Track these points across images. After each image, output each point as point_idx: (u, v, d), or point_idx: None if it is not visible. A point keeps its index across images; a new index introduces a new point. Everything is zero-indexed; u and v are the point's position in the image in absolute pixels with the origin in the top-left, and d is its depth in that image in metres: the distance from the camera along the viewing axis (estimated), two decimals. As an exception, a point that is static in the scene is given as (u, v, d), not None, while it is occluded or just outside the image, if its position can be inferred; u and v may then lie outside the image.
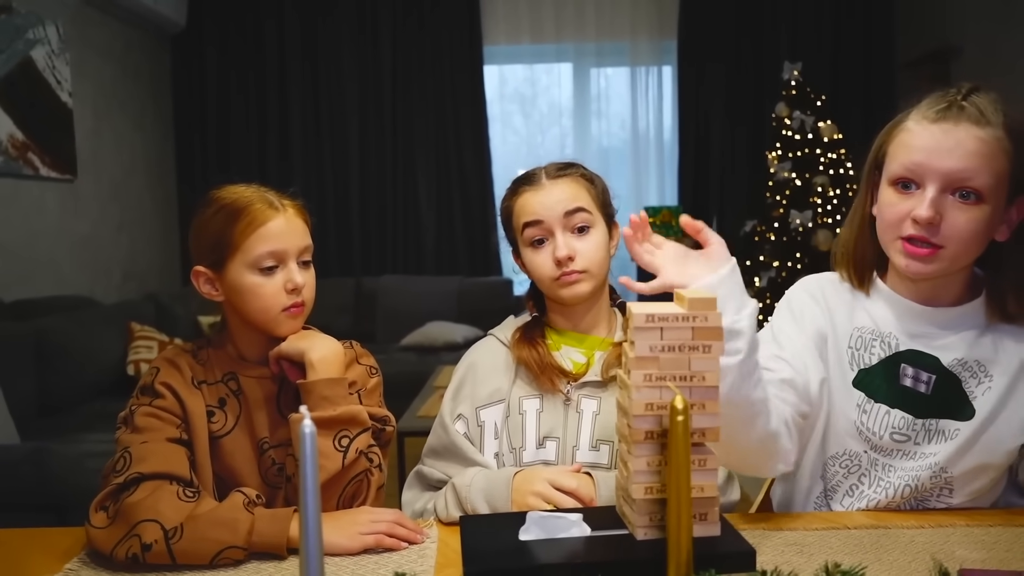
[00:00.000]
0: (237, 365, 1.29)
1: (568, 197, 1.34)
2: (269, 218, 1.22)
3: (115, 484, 1.11)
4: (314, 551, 0.69)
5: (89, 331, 3.72)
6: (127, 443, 1.17)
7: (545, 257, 1.34)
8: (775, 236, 5.03)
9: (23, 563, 1.08)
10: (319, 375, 1.20)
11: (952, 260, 1.14)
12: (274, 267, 1.23)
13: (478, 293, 5.43)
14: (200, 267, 1.26)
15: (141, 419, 1.19)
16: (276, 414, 1.28)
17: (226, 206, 1.23)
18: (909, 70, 5.35)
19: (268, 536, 1.08)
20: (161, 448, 1.16)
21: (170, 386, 1.22)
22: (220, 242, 1.22)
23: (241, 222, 1.21)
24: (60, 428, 3.19)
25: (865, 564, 0.81)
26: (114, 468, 1.14)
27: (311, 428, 0.69)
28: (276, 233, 1.22)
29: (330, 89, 5.75)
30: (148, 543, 1.05)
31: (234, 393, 1.27)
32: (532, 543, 0.90)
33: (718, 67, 5.71)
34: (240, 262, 1.22)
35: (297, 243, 1.25)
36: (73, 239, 4.44)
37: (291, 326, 1.25)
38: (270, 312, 1.23)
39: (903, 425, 1.21)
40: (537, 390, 1.35)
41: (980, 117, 1.12)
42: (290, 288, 1.23)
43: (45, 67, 4.15)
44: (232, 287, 1.23)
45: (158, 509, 1.08)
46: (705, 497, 0.89)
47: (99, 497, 1.12)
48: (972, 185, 1.11)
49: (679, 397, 0.75)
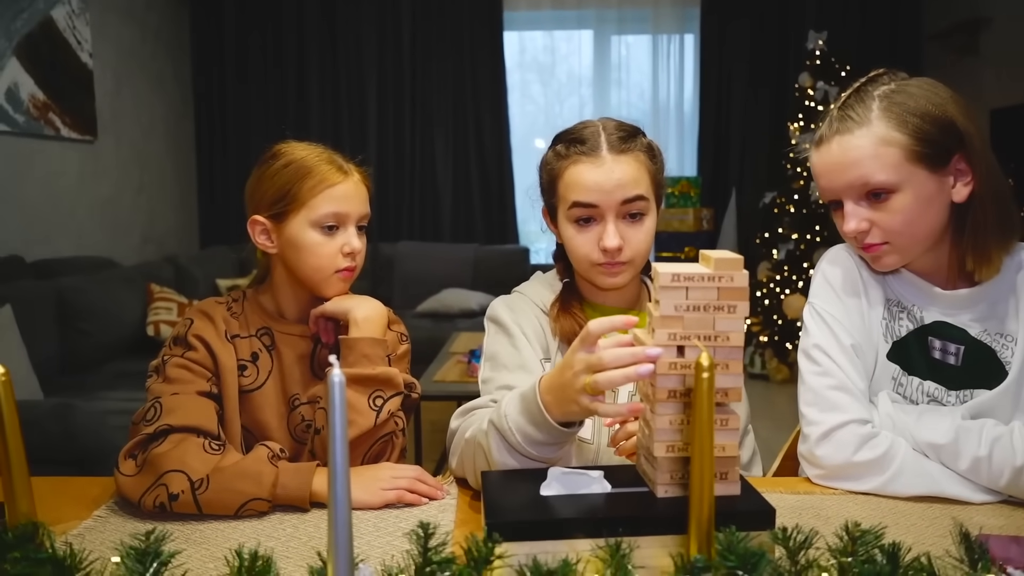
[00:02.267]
0: (273, 320, 1.30)
1: (629, 181, 1.22)
2: (338, 180, 1.24)
3: (144, 434, 1.13)
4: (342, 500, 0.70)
5: (110, 292, 3.76)
6: (158, 393, 1.19)
7: (590, 239, 1.24)
8: (794, 208, 4.99)
9: (53, 510, 1.10)
10: (363, 333, 1.22)
11: (906, 249, 1.18)
12: (335, 228, 1.25)
13: (494, 261, 5.44)
14: (259, 216, 1.27)
15: (173, 370, 1.21)
16: (309, 372, 1.29)
17: (295, 161, 1.25)
18: (936, 41, 5.25)
19: (292, 489, 1.10)
20: (191, 401, 1.18)
21: (203, 338, 1.24)
22: (285, 195, 1.24)
23: (311, 179, 1.23)
24: (82, 387, 3.24)
25: (885, 525, 0.81)
26: (144, 417, 1.16)
27: (340, 378, 0.70)
28: (342, 195, 1.24)
29: (348, 54, 5.72)
30: (175, 493, 1.07)
31: (267, 348, 1.29)
32: (553, 498, 0.91)
33: (741, 36, 5.63)
34: (304, 218, 1.24)
35: (359, 208, 1.27)
36: (93, 200, 4.47)
37: (339, 288, 1.28)
38: (324, 272, 1.25)
39: (938, 396, 1.21)
40: None
41: (850, 124, 1.15)
42: (347, 251, 1.26)
43: (66, 27, 4.15)
44: (290, 241, 1.25)
45: (185, 460, 1.10)
46: (727, 456, 0.89)
47: (128, 445, 1.14)
48: (874, 185, 1.14)
49: (705, 354, 0.75)
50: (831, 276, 1.27)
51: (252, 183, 1.28)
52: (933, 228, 1.17)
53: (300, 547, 1.00)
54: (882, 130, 1.13)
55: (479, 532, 0.77)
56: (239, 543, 0.99)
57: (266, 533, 1.04)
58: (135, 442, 1.14)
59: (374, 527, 1.06)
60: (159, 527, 0.78)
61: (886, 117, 1.13)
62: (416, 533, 0.75)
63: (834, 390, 1.19)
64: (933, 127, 1.13)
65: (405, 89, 5.77)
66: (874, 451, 1.13)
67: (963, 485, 1.11)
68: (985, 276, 1.19)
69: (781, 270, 5.04)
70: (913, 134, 1.12)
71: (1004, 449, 1.09)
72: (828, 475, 1.17)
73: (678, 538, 0.85)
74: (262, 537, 1.03)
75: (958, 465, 1.11)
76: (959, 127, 1.14)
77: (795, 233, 4.99)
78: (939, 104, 1.14)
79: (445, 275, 5.33)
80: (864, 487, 1.14)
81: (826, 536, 0.82)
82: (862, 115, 1.15)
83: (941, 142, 1.13)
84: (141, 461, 1.12)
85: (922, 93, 1.15)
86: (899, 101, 1.14)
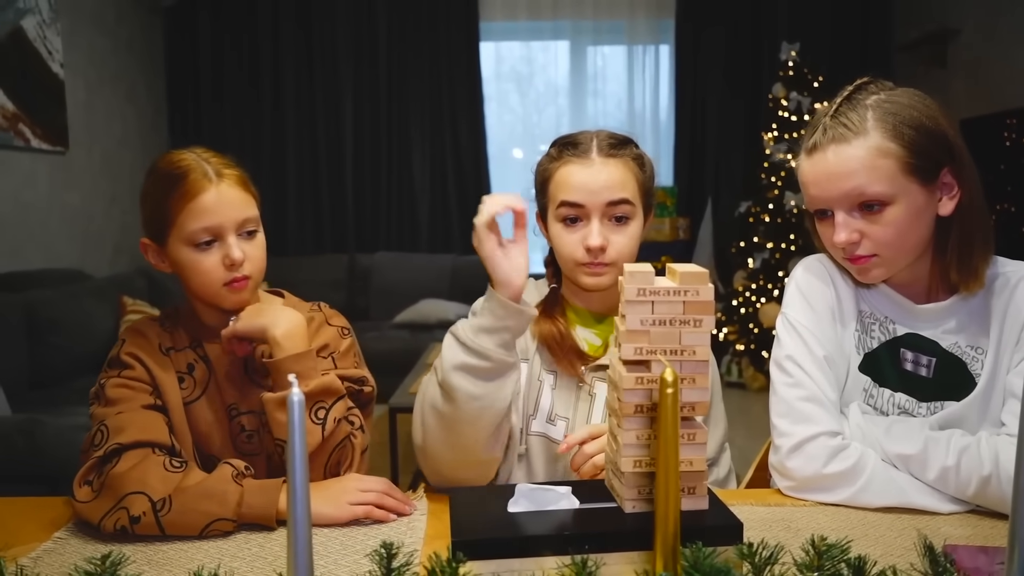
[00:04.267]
0: (202, 332, 1.27)
1: (616, 184, 1.27)
2: (201, 190, 1.17)
3: (96, 457, 1.11)
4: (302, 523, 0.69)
5: (80, 304, 3.71)
6: (102, 416, 1.16)
7: (575, 239, 1.29)
8: (769, 217, 5.03)
9: (12, 532, 1.08)
10: (286, 352, 1.17)
11: (893, 262, 1.18)
12: (211, 242, 1.18)
13: (472, 271, 5.42)
14: (146, 239, 1.23)
15: (112, 391, 1.18)
16: (245, 380, 1.27)
17: (163, 176, 1.19)
18: (906, 52, 5.33)
19: (257, 508, 1.08)
20: (137, 416, 1.15)
21: (137, 356, 1.21)
22: (158, 215, 1.19)
23: (175, 194, 1.16)
24: (51, 401, 3.18)
25: (851, 539, 0.81)
26: (92, 443, 1.14)
27: (299, 397, 0.69)
28: (209, 207, 1.17)
29: (324, 65, 5.70)
30: (136, 515, 1.05)
31: (202, 359, 1.26)
32: (520, 515, 0.91)
33: (716, 46, 5.68)
34: (177, 238, 1.18)
35: (234, 216, 1.19)
36: (64, 212, 4.41)
37: (235, 299, 1.21)
38: (211, 287, 1.20)
39: (909, 408, 1.22)
40: (554, 366, 1.33)
41: (846, 132, 1.14)
42: (228, 264, 1.18)
43: (36, 37, 4.10)
44: (174, 262, 1.21)
45: (145, 481, 1.07)
46: (693, 471, 0.89)
47: (81, 472, 1.11)
48: (869, 196, 1.13)
49: (669, 370, 0.75)
50: (804, 287, 1.27)
51: (139, 202, 1.24)
52: (920, 241, 1.17)
53: (265, 567, 0.98)
54: (878, 140, 1.12)
55: (447, 549, 0.76)
56: (201, 564, 0.97)
57: (231, 553, 1.02)
58: (88, 467, 1.11)
59: (341, 545, 1.04)
60: (118, 549, 0.76)
61: (881, 127, 1.13)
62: (379, 553, 0.74)
63: (805, 401, 1.19)
64: (926, 139, 1.13)
65: (381, 99, 5.75)
66: (844, 463, 1.14)
67: (931, 496, 1.11)
68: (972, 289, 1.19)
69: (757, 279, 5.07)
70: (908, 146, 1.12)
71: (971, 459, 1.09)
72: (799, 487, 1.17)
73: (645, 554, 0.84)
74: (226, 557, 1.01)
75: (926, 475, 1.12)
76: (950, 140, 1.15)
77: (770, 242, 5.03)
78: (932, 117, 1.14)
79: (422, 285, 5.31)
80: (834, 499, 1.14)
81: (794, 550, 0.82)
82: (857, 124, 1.13)
83: (933, 155, 1.13)
84: (98, 485, 1.09)
85: (914, 104, 1.15)
86: (892, 111, 1.13)
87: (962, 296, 1.20)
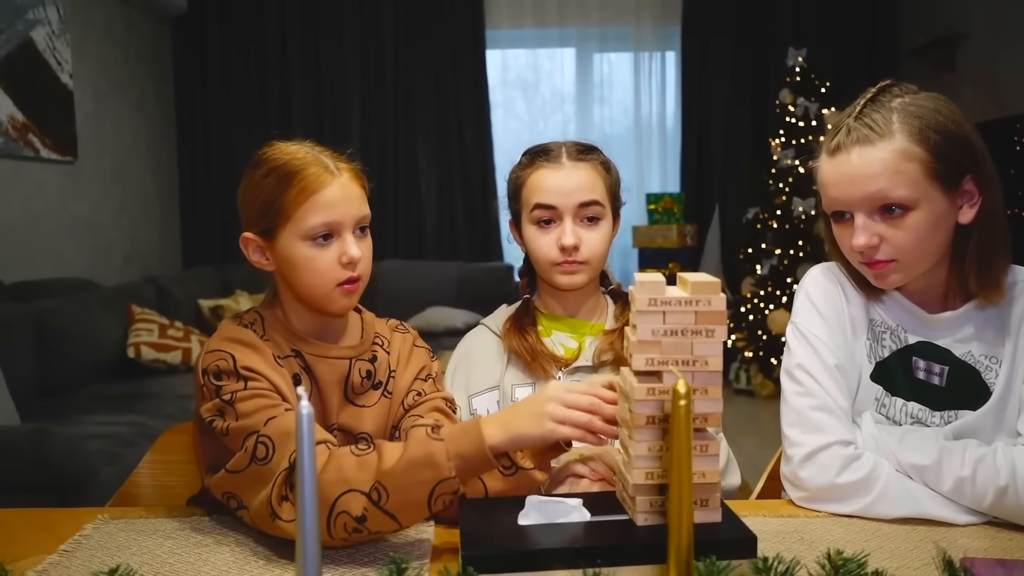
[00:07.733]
0: (300, 342, 1.18)
1: (586, 186, 1.33)
2: (324, 184, 1.11)
3: (284, 470, 1.00)
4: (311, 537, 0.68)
5: (89, 313, 3.72)
6: (250, 428, 1.04)
7: (550, 240, 1.34)
8: (777, 224, 5.01)
9: (20, 544, 1.07)
10: None
11: (911, 268, 1.15)
12: (329, 237, 1.12)
13: (479, 279, 5.42)
14: (249, 234, 1.15)
15: (246, 404, 1.05)
16: (343, 397, 1.20)
17: (277, 169, 1.12)
18: (915, 57, 5.31)
19: (468, 450, 0.98)
20: (291, 419, 1.03)
21: (254, 368, 1.09)
22: (270, 209, 1.11)
23: (293, 188, 1.10)
24: (60, 410, 3.19)
25: (867, 552, 0.80)
26: (254, 458, 1.02)
27: (308, 410, 0.68)
28: (331, 201, 1.11)
29: (331, 72, 5.72)
30: (360, 515, 0.97)
31: (303, 369, 1.18)
32: (531, 527, 0.90)
33: (722, 52, 5.67)
34: (292, 232, 1.11)
35: (353, 212, 1.14)
36: (74, 221, 4.42)
37: (344, 303, 1.15)
38: (323, 288, 1.13)
39: (922, 417, 1.20)
40: (530, 377, 1.36)
41: (871, 134, 1.11)
42: (345, 261, 1.12)
43: (45, 48, 4.13)
44: (283, 258, 1.13)
45: (346, 478, 0.98)
46: (706, 483, 0.88)
47: (273, 493, 1.00)
48: (892, 200, 1.11)
49: (681, 381, 0.74)
50: (814, 295, 1.26)
51: (240, 195, 1.17)
52: (939, 248, 1.16)
53: (273, 580, 0.97)
54: (904, 143, 1.10)
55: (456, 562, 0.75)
56: (209, 578, 0.97)
57: (238, 566, 1.01)
58: (280, 482, 1.00)
59: (349, 556, 1.03)
60: (124, 564, 0.76)
61: (907, 130, 1.11)
62: (389, 569, 0.73)
63: (817, 411, 1.17)
64: (951, 145, 1.11)
65: (388, 107, 5.76)
66: (857, 473, 1.12)
67: (947, 506, 1.10)
68: (992, 299, 1.17)
69: (765, 285, 5.05)
70: (933, 150, 1.10)
71: (987, 469, 1.08)
72: (811, 497, 1.16)
73: (658, 568, 0.83)
74: (233, 570, 1.00)
75: (941, 486, 1.10)
76: (974, 146, 1.13)
77: (779, 248, 5.01)
78: (957, 122, 1.12)
79: (429, 293, 5.30)
80: (847, 509, 1.13)
81: (809, 563, 0.81)
82: (883, 126, 1.11)
83: (957, 161, 1.12)
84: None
85: (939, 108, 1.13)
86: (918, 115, 1.11)
87: (976, 305, 1.19)
